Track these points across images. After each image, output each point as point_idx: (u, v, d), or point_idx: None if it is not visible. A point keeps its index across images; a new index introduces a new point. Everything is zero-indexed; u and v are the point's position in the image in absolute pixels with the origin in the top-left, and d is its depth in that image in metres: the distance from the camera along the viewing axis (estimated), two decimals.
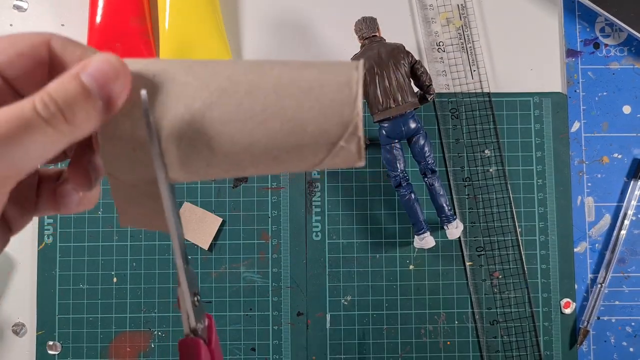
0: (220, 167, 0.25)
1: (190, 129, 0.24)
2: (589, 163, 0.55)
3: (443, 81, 0.55)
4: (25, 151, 0.21)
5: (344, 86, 0.24)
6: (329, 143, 0.24)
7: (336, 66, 0.25)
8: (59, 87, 0.22)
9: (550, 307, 0.53)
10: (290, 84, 0.24)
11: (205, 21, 0.53)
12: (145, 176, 0.25)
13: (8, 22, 0.56)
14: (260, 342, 0.53)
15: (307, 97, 0.24)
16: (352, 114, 0.24)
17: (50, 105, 0.21)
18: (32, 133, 0.21)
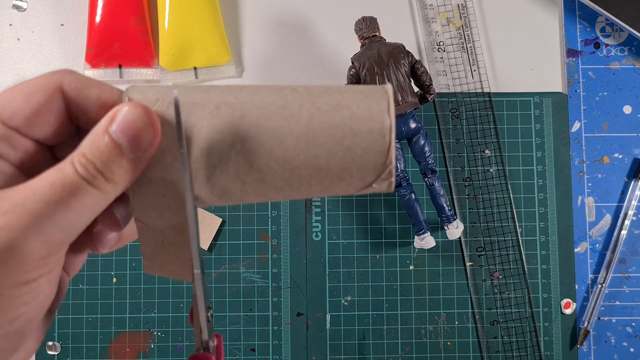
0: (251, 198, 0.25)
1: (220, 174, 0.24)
2: (589, 163, 0.54)
3: (443, 81, 0.55)
4: (74, 214, 0.22)
5: (377, 135, 0.24)
6: (361, 186, 0.25)
7: (367, 108, 0.24)
8: (93, 146, 0.22)
9: (551, 308, 0.53)
10: (321, 132, 0.24)
11: (205, 21, 0.53)
12: (173, 222, 0.25)
13: (7, 22, 0.56)
14: (260, 342, 0.53)
15: (339, 147, 0.24)
16: (385, 162, 0.24)
17: (89, 167, 0.22)
18: (79, 196, 0.22)
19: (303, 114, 0.24)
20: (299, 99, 0.24)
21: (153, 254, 0.26)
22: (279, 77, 0.55)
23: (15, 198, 0.21)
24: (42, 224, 0.21)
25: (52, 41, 0.56)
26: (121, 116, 0.23)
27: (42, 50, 0.56)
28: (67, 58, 0.56)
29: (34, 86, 0.24)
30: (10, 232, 0.21)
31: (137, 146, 0.23)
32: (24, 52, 0.56)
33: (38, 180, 0.22)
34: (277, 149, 0.24)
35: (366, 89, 0.25)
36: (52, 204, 0.21)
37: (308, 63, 0.56)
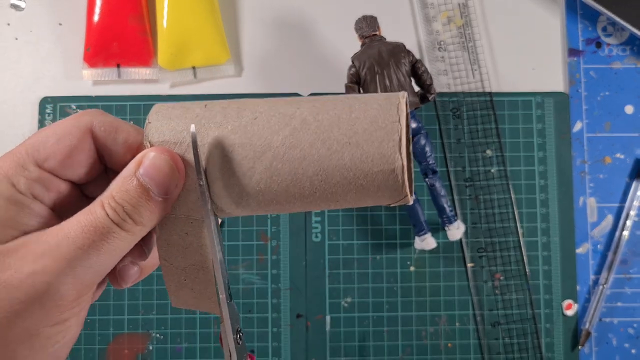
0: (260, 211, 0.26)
1: (237, 195, 0.25)
2: (591, 163, 0.54)
3: (444, 80, 0.54)
4: (105, 256, 0.23)
5: (389, 175, 0.24)
6: (377, 204, 0.26)
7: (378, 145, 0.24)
8: (122, 190, 0.24)
9: (552, 309, 0.53)
10: (334, 173, 0.24)
11: (203, 20, 0.53)
12: (195, 261, 0.26)
13: (5, 21, 0.56)
14: (259, 344, 0.52)
15: (353, 186, 0.25)
16: (400, 195, 0.25)
17: (119, 211, 0.23)
18: (109, 239, 0.23)
19: (314, 155, 0.24)
20: (309, 136, 0.25)
21: (177, 291, 0.27)
22: (279, 76, 0.55)
23: (50, 241, 0.22)
24: (76, 267, 0.22)
25: (50, 40, 0.56)
26: (148, 161, 0.24)
27: (40, 50, 0.55)
28: (65, 57, 0.55)
29: (65, 128, 0.25)
30: (47, 276, 0.22)
31: (164, 190, 0.24)
32: (21, 52, 0.55)
33: (70, 224, 0.23)
34: (293, 189, 0.25)
35: (379, 116, 0.25)
36: (85, 247, 0.22)
37: (308, 62, 0.55)
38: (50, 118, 0.54)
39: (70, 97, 0.55)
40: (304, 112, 0.25)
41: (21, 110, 0.55)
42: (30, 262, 0.22)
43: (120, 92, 0.55)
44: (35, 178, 0.24)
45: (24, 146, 0.24)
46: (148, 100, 0.54)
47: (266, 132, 0.25)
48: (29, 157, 0.24)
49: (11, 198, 0.23)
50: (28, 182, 0.24)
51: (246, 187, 0.25)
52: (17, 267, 0.22)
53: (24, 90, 0.55)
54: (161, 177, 0.24)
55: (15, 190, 0.24)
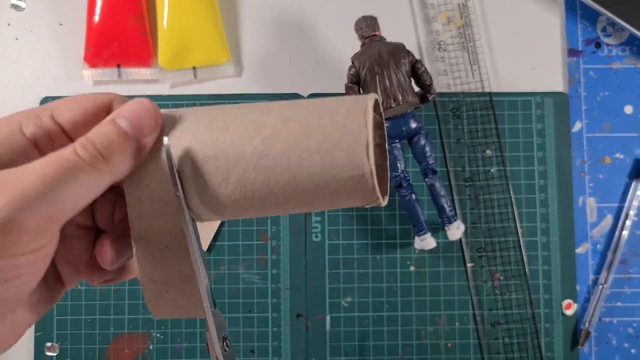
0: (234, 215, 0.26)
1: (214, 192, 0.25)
2: (590, 163, 0.54)
3: (444, 81, 0.54)
4: (70, 192, 0.23)
5: (358, 180, 0.24)
6: (353, 205, 0.26)
7: (347, 151, 0.24)
8: (97, 131, 0.24)
9: (552, 309, 0.53)
10: (307, 180, 0.25)
11: (203, 20, 0.53)
12: (177, 272, 0.26)
13: (6, 22, 0.56)
14: (259, 343, 0.52)
15: (326, 191, 0.25)
16: (373, 197, 0.25)
17: (89, 147, 0.23)
18: (75, 174, 0.23)
19: (285, 163, 0.24)
20: (280, 144, 0.25)
21: (159, 304, 0.27)
22: (279, 76, 0.55)
23: (14, 173, 0.22)
24: (36, 197, 0.22)
25: (50, 40, 0.56)
26: (127, 106, 0.25)
27: (40, 50, 0.56)
28: (65, 58, 0.55)
29: (87, 97, 0.26)
30: (7, 203, 0.22)
31: (138, 130, 0.24)
32: (21, 52, 0.55)
33: (39, 160, 0.23)
34: (267, 197, 0.25)
35: (346, 121, 0.25)
36: (46, 177, 0.22)
37: (308, 62, 0.55)
38: None
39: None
40: (275, 120, 0.25)
41: (21, 110, 0.55)
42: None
43: (120, 92, 0.54)
44: (46, 128, 0.25)
45: (45, 105, 0.26)
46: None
47: (238, 142, 0.25)
48: (47, 110, 0.25)
49: (13, 139, 0.24)
50: (36, 128, 0.25)
51: (221, 197, 0.25)
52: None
53: (24, 90, 0.55)
54: (136, 118, 0.25)
55: (22, 134, 0.25)
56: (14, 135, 0.25)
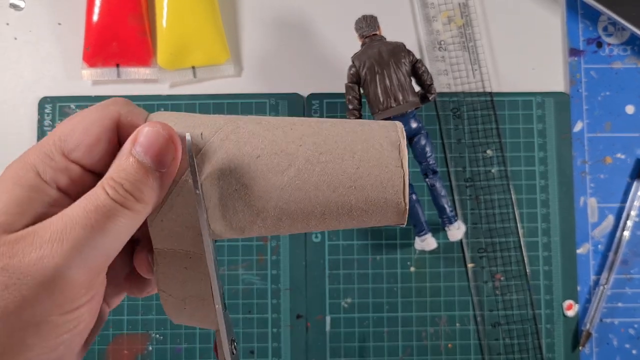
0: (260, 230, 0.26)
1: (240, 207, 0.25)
2: (591, 163, 0.54)
3: (444, 80, 0.54)
4: (111, 237, 0.23)
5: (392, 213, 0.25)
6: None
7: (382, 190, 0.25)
8: (119, 169, 0.24)
9: (553, 309, 0.53)
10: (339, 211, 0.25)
11: (203, 19, 0.53)
12: (195, 292, 0.26)
13: (4, 21, 0.56)
14: (259, 344, 0.52)
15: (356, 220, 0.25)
16: (400, 222, 0.26)
17: (118, 189, 0.23)
18: (114, 219, 0.23)
19: (319, 197, 0.25)
20: (314, 178, 0.25)
21: (178, 317, 0.27)
22: (279, 76, 0.55)
23: (56, 226, 0.22)
24: (83, 250, 0.22)
25: (49, 40, 0.55)
26: (142, 136, 0.24)
27: (39, 50, 0.55)
28: (64, 57, 0.55)
29: (93, 118, 0.25)
30: (54, 259, 0.22)
31: (159, 161, 0.24)
32: (21, 51, 0.55)
33: (73, 207, 0.23)
34: (297, 224, 0.25)
35: (382, 159, 0.25)
36: (89, 228, 0.22)
37: (308, 62, 0.55)
38: (49, 118, 0.54)
39: (69, 97, 0.54)
40: (307, 151, 0.25)
41: (21, 110, 0.55)
42: (37, 248, 0.22)
43: (119, 92, 0.55)
44: (62, 168, 0.24)
45: (51, 136, 0.24)
46: (147, 100, 0.54)
47: (270, 174, 0.25)
48: (56, 147, 0.24)
49: (34, 187, 0.24)
50: (54, 171, 0.24)
51: (246, 224, 0.25)
52: (25, 253, 0.22)
53: (24, 90, 0.55)
54: (155, 149, 0.24)
55: (40, 179, 0.24)
56: (36, 185, 0.24)
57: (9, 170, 0.24)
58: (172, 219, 0.25)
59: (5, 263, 0.21)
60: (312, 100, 0.54)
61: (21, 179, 0.23)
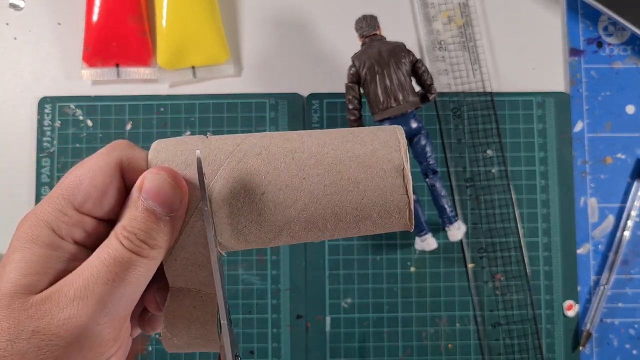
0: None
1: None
2: (592, 163, 0.54)
3: (444, 80, 0.54)
4: (131, 286, 0.24)
5: (397, 228, 0.26)
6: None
7: (388, 221, 0.25)
8: (130, 218, 0.24)
9: (553, 310, 0.53)
10: (345, 233, 0.26)
11: (203, 19, 0.52)
12: (200, 335, 0.27)
13: (4, 21, 0.55)
14: (259, 344, 0.52)
15: (359, 230, 0.26)
16: (406, 211, 0.26)
17: (132, 239, 0.24)
18: (132, 269, 0.24)
19: (327, 226, 0.26)
20: (321, 211, 0.25)
21: (178, 350, 0.28)
22: (278, 76, 0.55)
23: (79, 283, 0.23)
24: (107, 304, 0.23)
25: (49, 40, 0.55)
26: (148, 183, 0.25)
27: (39, 49, 0.55)
28: (64, 57, 0.55)
29: (97, 167, 0.25)
30: (82, 319, 0.22)
31: (169, 207, 0.25)
32: (20, 51, 0.55)
33: (92, 262, 0.24)
34: (301, 238, 0.26)
35: (386, 189, 0.25)
36: (111, 281, 0.23)
37: (308, 62, 0.55)
38: (49, 118, 0.54)
39: (69, 97, 0.54)
40: (311, 185, 0.25)
41: (21, 110, 0.55)
42: (63, 308, 0.22)
43: (119, 92, 0.55)
44: (75, 222, 0.25)
45: (59, 190, 0.25)
46: (147, 100, 0.54)
47: (277, 209, 0.25)
48: (67, 202, 0.24)
49: (51, 244, 0.24)
50: (68, 226, 0.24)
51: (263, 245, 0.26)
52: (54, 314, 0.22)
53: (24, 90, 0.55)
54: (163, 196, 0.24)
55: (56, 236, 0.24)
56: (53, 243, 0.24)
57: (23, 229, 0.24)
58: (184, 258, 0.26)
59: (36, 325, 0.22)
60: (312, 100, 0.54)
61: (37, 238, 0.24)
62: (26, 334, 0.22)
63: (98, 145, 0.54)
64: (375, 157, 0.25)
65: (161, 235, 0.24)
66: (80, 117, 0.54)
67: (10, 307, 0.22)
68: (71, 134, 0.54)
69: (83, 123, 0.54)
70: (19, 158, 0.54)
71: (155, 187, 0.24)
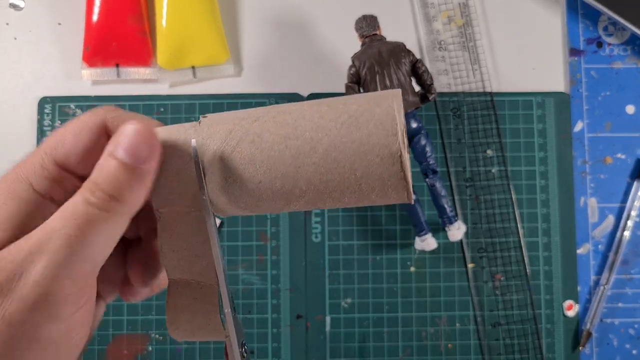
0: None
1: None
2: (592, 163, 0.54)
3: (444, 80, 0.54)
4: (95, 244, 0.22)
5: (395, 195, 0.25)
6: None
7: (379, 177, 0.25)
8: (100, 171, 0.23)
9: (553, 310, 0.53)
10: (344, 196, 0.25)
11: (203, 19, 0.53)
12: (203, 325, 0.27)
13: (4, 21, 0.56)
14: (259, 344, 0.52)
15: (361, 201, 0.26)
16: (402, 187, 0.25)
17: (98, 192, 0.22)
18: (94, 225, 0.22)
19: (326, 204, 0.26)
20: (319, 195, 0.25)
21: (185, 338, 0.28)
22: (278, 76, 0.55)
23: (34, 237, 0.22)
24: (68, 262, 0.21)
25: (49, 40, 0.55)
26: (120, 135, 0.23)
27: (39, 49, 0.55)
28: (64, 57, 0.55)
29: (81, 125, 0.24)
30: (40, 276, 0.21)
31: (136, 157, 0.23)
32: (20, 51, 0.55)
33: (54, 217, 0.22)
34: (307, 209, 0.26)
35: (385, 175, 0.25)
36: (68, 238, 0.21)
37: (308, 62, 0.55)
38: (49, 118, 0.54)
39: (69, 97, 0.54)
40: (307, 173, 0.25)
41: (21, 110, 0.55)
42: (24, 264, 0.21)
43: (119, 92, 0.55)
44: (55, 178, 0.24)
45: (42, 147, 0.24)
46: (147, 100, 0.54)
47: (275, 196, 0.25)
48: (48, 157, 0.24)
49: (28, 200, 0.23)
50: (47, 181, 0.24)
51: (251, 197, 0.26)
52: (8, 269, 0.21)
53: (24, 90, 0.55)
54: (130, 144, 0.23)
55: (34, 191, 0.23)
56: (30, 198, 0.23)
57: (2, 184, 0.24)
58: (183, 248, 0.26)
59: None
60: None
61: (14, 193, 0.23)
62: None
63: None
64: (370, 142, 0.24)
65: (127, 187, 0.23)
66: None
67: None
68: None
69: None
70: (19, 158, 0.54)
71: (124, 135, 0.23)
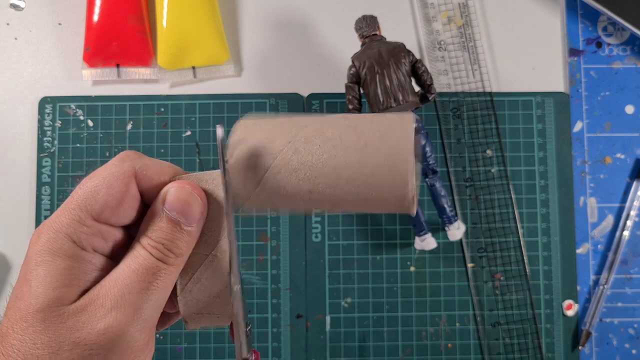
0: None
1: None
2: (591, 163, 0.54)
3: (444, 80, 0.54)
4: (160, 293, 0.25)
5: (403, 211, 0.27)
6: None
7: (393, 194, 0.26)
8: (155, 228, 0.26)
9: (553, 309, 0.53)
10: (356, 210, 0.27)
11: (203, 19, 0.53)
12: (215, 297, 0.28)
13: (5, 21, 0.56)
14: (259, 344, 0.52)
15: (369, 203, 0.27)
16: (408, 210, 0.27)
17: (160, 248, 0.25)
18: (161, 276, 0.25)
19: (338, 210, 0.27)
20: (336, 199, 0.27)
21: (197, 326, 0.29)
22: (278, 76, 0.55)
23: (114, 293, 0.24)
24: (143, 311, 0.24)
25: (50, 40, 0.55)
26: (170, 196, 0.26)
27: (40, 50, 0.55)
28: (64, 57, 0.55)
29: (112, 177, 0.26)
30: (121, 327, 0.24)
31: (191, 218, 0.26)
32: (21, 52, 0.55)
33: (123, 271, 0.25)
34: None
35: (397, 199, 0.26)
36: (145, 290, 0.24)
37: (308, 62, 0.55)
38: (50, 118, 0.54)
39: (69, 97, 0.54)
40: (327, 202, 0.27)
41: (21, 110, 0.55)
42: (102, 318, 0.24)
43: (119, 92, 0.55)
44: (95, 232, 0.25)
45: (75, 200, 0.25)
46: (147, 100, 0.54)
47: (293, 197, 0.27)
48: (84, 212, 0.25)
49: (75, 256, 0.25)
50: (88, 237, 0.25)
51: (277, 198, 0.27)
52: (92, 325, 0.23)
53: (24, 90, 0.55)
54: (185, 207, 0.26)
55: (78, 247, 0.25)
56: (76, 254, 0.25)
57: (41, 242, 0.25)
58: (200, 290, 0.27)
59: (77, 336, 0.23)
60: (312, 100, 0.54)
61: (60, 250, 0.24)
62: (68, 345, 0.23)
63: (98, 145, 0.54)
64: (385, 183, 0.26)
65: (185, 244, 0.26)
66: (80, 117, 0.54)
67: (46, 321, 0.23)
68: (72, 134, 0.54)
69: (84, 123, 0.54)
70: (19, 158, 0.54)
71: (178, 199, 0.26)
